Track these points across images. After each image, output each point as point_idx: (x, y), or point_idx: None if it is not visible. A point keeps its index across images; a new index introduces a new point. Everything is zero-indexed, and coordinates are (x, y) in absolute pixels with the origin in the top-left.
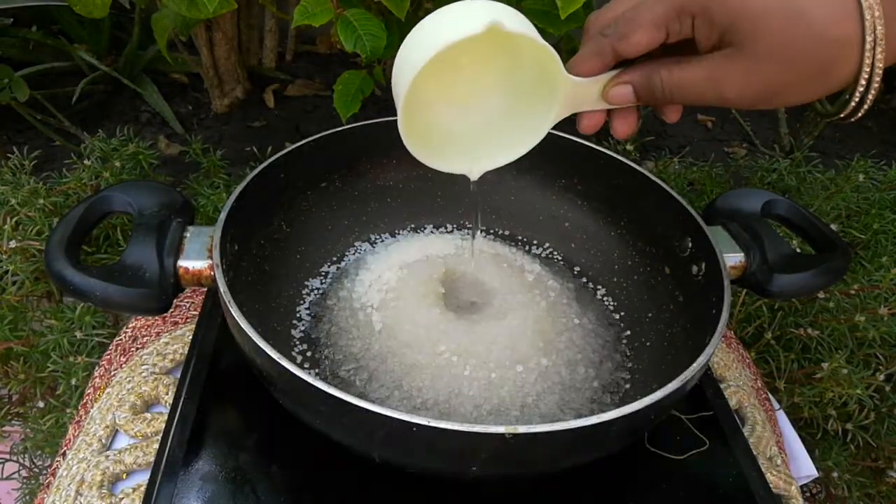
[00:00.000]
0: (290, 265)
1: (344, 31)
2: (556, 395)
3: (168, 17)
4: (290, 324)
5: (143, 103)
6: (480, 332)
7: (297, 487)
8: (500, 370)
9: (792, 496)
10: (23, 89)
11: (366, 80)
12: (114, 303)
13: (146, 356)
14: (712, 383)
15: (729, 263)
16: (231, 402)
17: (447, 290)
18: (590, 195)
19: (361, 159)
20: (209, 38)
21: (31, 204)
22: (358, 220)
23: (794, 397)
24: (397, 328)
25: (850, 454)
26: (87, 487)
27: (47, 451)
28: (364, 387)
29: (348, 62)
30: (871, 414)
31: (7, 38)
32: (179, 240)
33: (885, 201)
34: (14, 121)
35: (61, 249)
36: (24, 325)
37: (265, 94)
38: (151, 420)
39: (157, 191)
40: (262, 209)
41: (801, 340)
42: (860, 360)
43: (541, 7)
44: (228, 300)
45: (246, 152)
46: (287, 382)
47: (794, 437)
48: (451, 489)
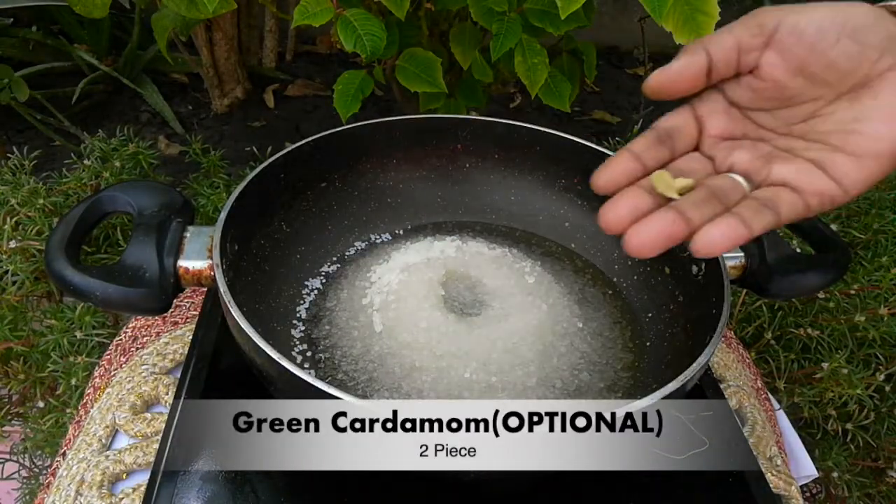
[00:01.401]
0: (290, 265)
1: (344, 31)
2: (556, 397)
3: (168, 17)
4: (290, 324)
5: (143, 103)
6: (481, 335)
7: (297, 487)
8: (501, 374)
9: (792, 496)
10: (23, 89)
11: (366, 80)
12: (114, 303)
13: (146, 356)
14: (712, 383)
15: (729, 263)
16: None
17: (448, 291)
18: (590, 195)
19: (361, 159)
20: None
21: (31, 204)
22: (358, 220)
23: (794, 397)
24: (398, 330)
25: (850, 454)
26: (87, 487)
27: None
28: (364, 388)
29: (348, 62)
30: (871, 414)
31: (7, 38)
32: (179, 240)
33: (885, 201)
34: (14, 121)
35: (61, 249)
36: (24, 325)
37: (265, 94)
38: (151, 420)
39: (157, 191)
40: (262, 209)
41: (801, 340)
42: (860, 360)
43: (541, 7)
44: (228, 300)
45: (246, 152)
46: (287, 382)
47: (794, 437)
48: (451, 489)
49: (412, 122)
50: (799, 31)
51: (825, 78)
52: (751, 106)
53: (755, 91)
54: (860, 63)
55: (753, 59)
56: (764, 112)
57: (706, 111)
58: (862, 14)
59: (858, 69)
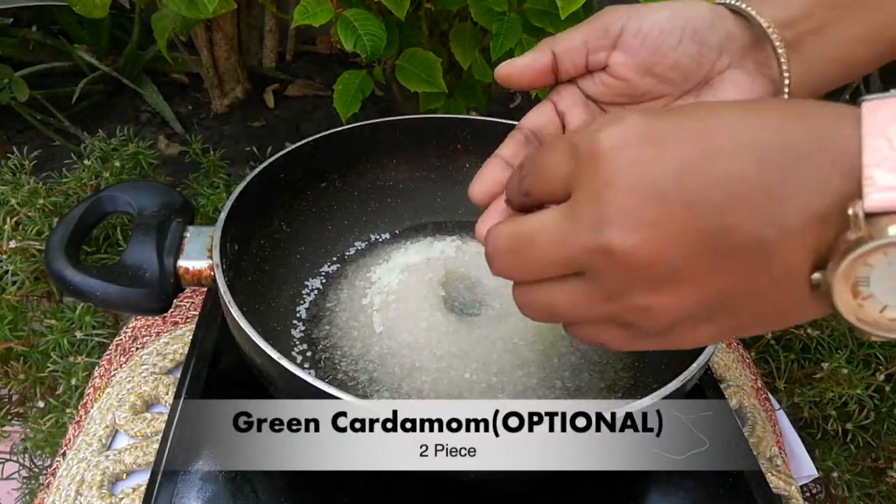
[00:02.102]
0: (290, 265)
1: (344, 31)
2: (557, 397)
3: (168, 17)
4: (290, 324)
5: (143, 103)
6: (481, 335)
7: (297, 487)
8: (501, 374)
9: (792, 496)
10: (23, 89)
11: (366, 80)
12: (114, 303)
13: (146, 356)
14: (712, 383)
15: None
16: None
17: (448, 291)
18: None
19: (361, 159)
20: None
21: (31, 204)
22: (358, 220)
23: (794, 397)
24: (398, 330)
25: (850, 454)
26: (87, 487)
27: (47, 451)
28: (364, 388)
29: (348, 62)
30: (871, 414)
31: (7, 38)
32: (179, 240)
33: None
34: (14, 121)
35: (61, 249)
36: (24, 325)
37: (265, 94)
38: (151, 420)
39: (157, 191)
40: (262, 209)
41: (801, 340)
42: (860, 360)
43: (541, 7)
44: (228, 300)
45: (246, 152)
46: (287, 382)
47: (794, 437)
48: (451, 489)
49: (412, 122)
50: (643, 35)
51: (670, 77)
52: (606, 101)
53: (608, 87)
54: (701, 63)
55: (602, 58)
56: (619, 106)
57: (566, 106)
58: (702, 14)
59: (700, 69)
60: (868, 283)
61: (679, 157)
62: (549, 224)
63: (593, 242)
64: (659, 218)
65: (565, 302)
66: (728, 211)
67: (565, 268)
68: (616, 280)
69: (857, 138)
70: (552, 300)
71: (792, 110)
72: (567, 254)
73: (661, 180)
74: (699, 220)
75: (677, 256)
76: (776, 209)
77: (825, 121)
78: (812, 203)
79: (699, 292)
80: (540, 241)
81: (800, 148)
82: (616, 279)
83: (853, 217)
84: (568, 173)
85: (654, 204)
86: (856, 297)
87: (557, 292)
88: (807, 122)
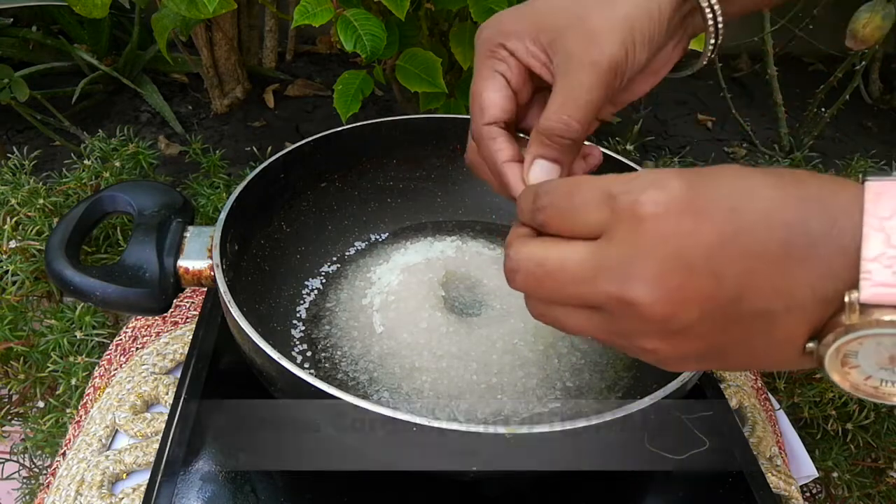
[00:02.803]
0: (290, 265)
1: (344, 31)
2: (557, 397)
3: (168, 17)
4: (290, 324)
5: (143, 103)
6: (481, 335)
7: (297, 487)
8: (501, 374)
9: (792, 496)
10: (23, 89)
11: (366, 80)
12: (114, 303)
13: (146, 356)
14: (712, 383)
15: None
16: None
17: (448, 292)
18: None
19: (361, 159)
20: (209, 38)
21: (31, 204)
22: (358, 220)
23: (794, 397)
24: (398, 330)
25: (850, 454)
26: (87, 487)
27: (47, 451)
28: (364, 388)
29: (348, 62)
30: (871, 414)
31: (7, 38)
32: (179, 240)
33: None
34: (14, 121)
35: (61, 249)
36: (24, 325)
37: (265, 94)
38: (151, 420)
39: (157, 191)
40: (262, 209)
41: None
42: None
43: None
44: (228, 300)
45: (246, 152)
46: (287, 382)
47: (794, 437)
48: (451, 489)
49: (412, 122)
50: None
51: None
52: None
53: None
54: (653, 56)
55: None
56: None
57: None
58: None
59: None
60: (856, 356)
61: (714, 233)
62: (575, 262)
63: (617, 292)
64: (684, 285)
65: (576, 324)
66: (746, 284)
67: (583, 303)
68: (630, 324)
69: (861, 228)
70: (564, 321)
71: (811, 189)
72: (589, 294)
73: (693, 255)
74: (720, 290)
75: (692, 317)
76: (788, 286)
77: (839, 204)
78: (818, 285)
79: (701, 344)
80: (564, 276)
81: (815, 233)
82: (630, 323)
83: (849, 304)
84: (600, 221)
85: (683, 273)
86: (844, 367)
87: (571, 317)
88: (822, 206)
